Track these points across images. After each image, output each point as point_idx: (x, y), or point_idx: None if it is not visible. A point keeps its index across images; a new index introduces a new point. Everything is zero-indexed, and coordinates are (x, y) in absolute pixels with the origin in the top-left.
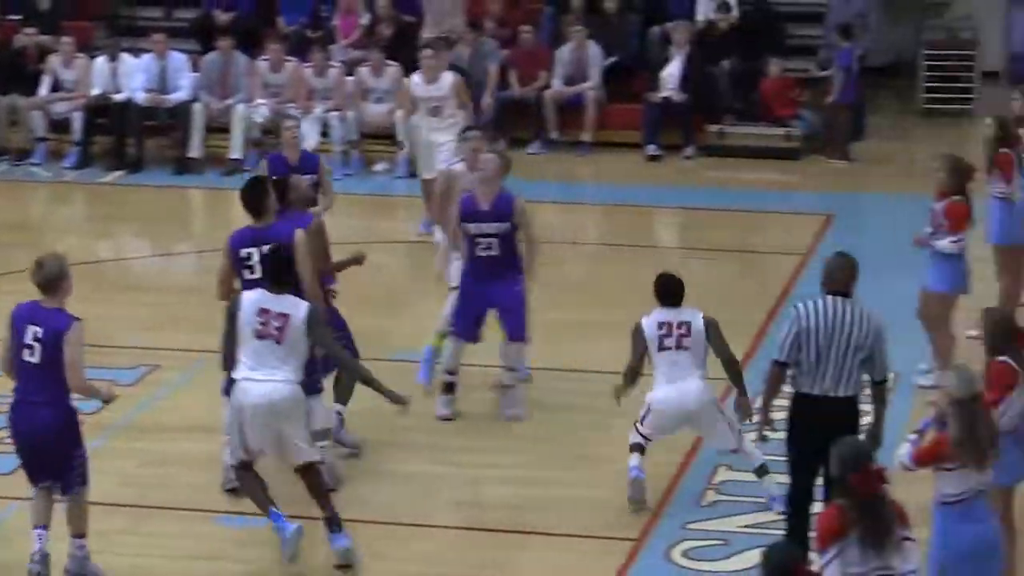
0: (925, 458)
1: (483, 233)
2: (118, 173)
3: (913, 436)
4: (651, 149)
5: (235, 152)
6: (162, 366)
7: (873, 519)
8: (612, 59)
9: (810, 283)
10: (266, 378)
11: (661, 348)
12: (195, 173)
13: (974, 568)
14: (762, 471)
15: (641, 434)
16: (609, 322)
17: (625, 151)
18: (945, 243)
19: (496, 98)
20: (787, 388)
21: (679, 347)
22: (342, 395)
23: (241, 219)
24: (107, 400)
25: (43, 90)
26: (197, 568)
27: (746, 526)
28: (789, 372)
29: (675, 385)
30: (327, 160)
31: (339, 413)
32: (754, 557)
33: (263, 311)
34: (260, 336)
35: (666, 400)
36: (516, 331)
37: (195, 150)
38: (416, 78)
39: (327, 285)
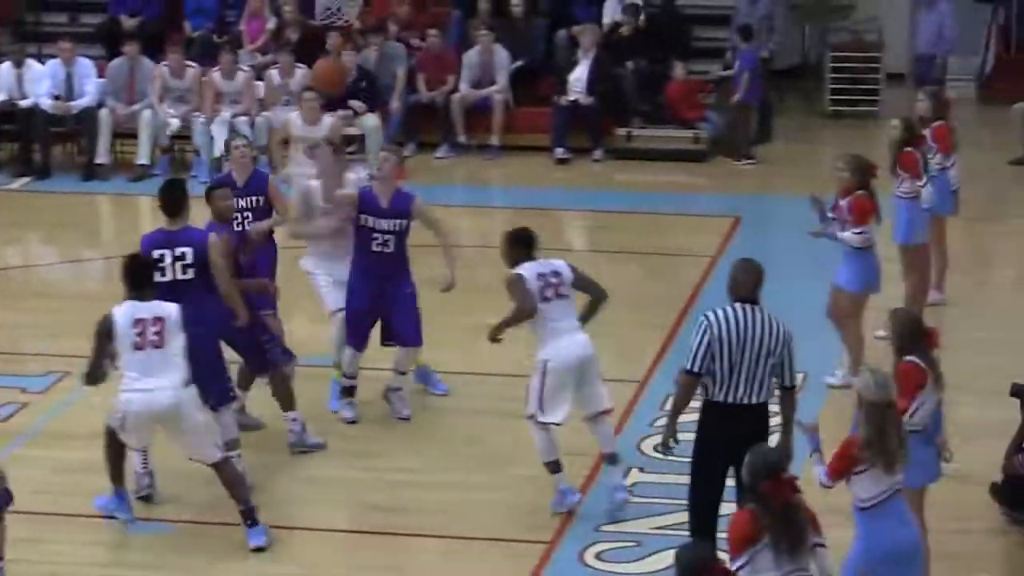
0: (839, 469)
1: (380, 229)
2: (25, 180)
3: (816, 455)
4: (559, 152)
5: (142, 158)
6: (72, 373)
7: (786, 526)
8: (519, 62)
9: (719, 285)
10: (152, 387)
11: (544, 299)
12: (102, 179)
13: (896, 571)
14: (614, 459)
15: (542, 422)
16: (519, 325)
17: (533, 154)
18: (849, 235)
19: (404, 102)
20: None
21: (558, 296)
22: (286, 402)
23: (149, 225)
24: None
25: None
26: (111, 574)
27: (659, 527)
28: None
29: (566, 336)
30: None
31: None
32: (667, 558)
33: (137, 321)
34: (139, 347)
35: (566, 351)
36: (411, 337)
37: (102, 156)
38: (296, 118)
39: (263, 310)
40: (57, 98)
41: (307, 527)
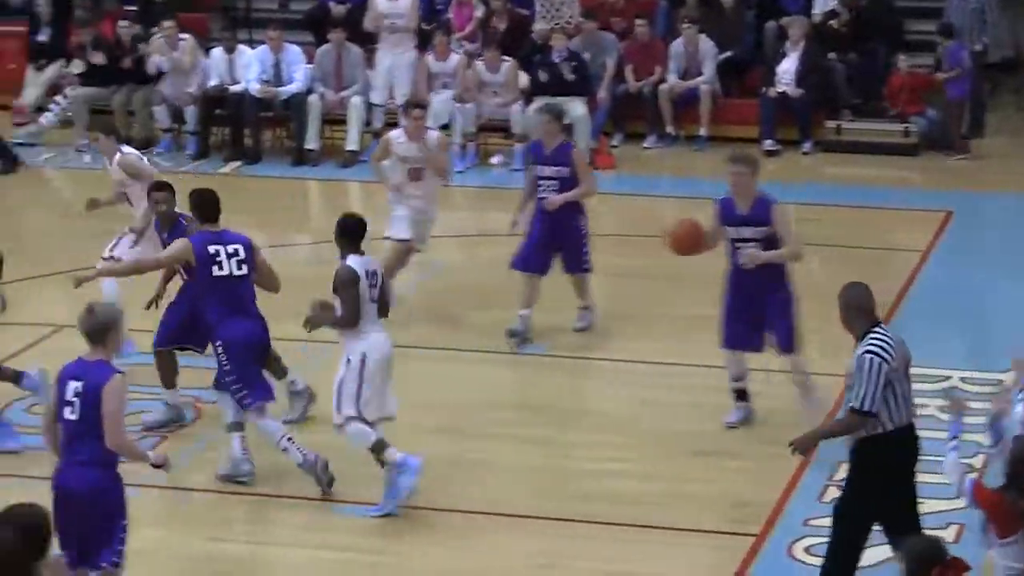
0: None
1: (741, 237)
2: (236, 164)
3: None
4: (768, 144)
5: (351, 144)
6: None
7: None
8: (727, 53)
9: (930, 281)
10: None
11: (371, 300)
12: (312, 164)
13: None
14: (379, 447)
15: (364, 420)
16: None
17: (742, 146)
18: None
19: (611, 92)
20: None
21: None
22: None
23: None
24: (157, 466)
25: (157, 81)
26: (321, 557)
27: None
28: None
29: (375, 333)
30: None
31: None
32: (875, 554)
33: None
34: None
35: (383, 344)
36: (785, 343)
37: (311, 142)
38: (398, 135)
39: None
40: (266, 83)
41: (511, 514)
